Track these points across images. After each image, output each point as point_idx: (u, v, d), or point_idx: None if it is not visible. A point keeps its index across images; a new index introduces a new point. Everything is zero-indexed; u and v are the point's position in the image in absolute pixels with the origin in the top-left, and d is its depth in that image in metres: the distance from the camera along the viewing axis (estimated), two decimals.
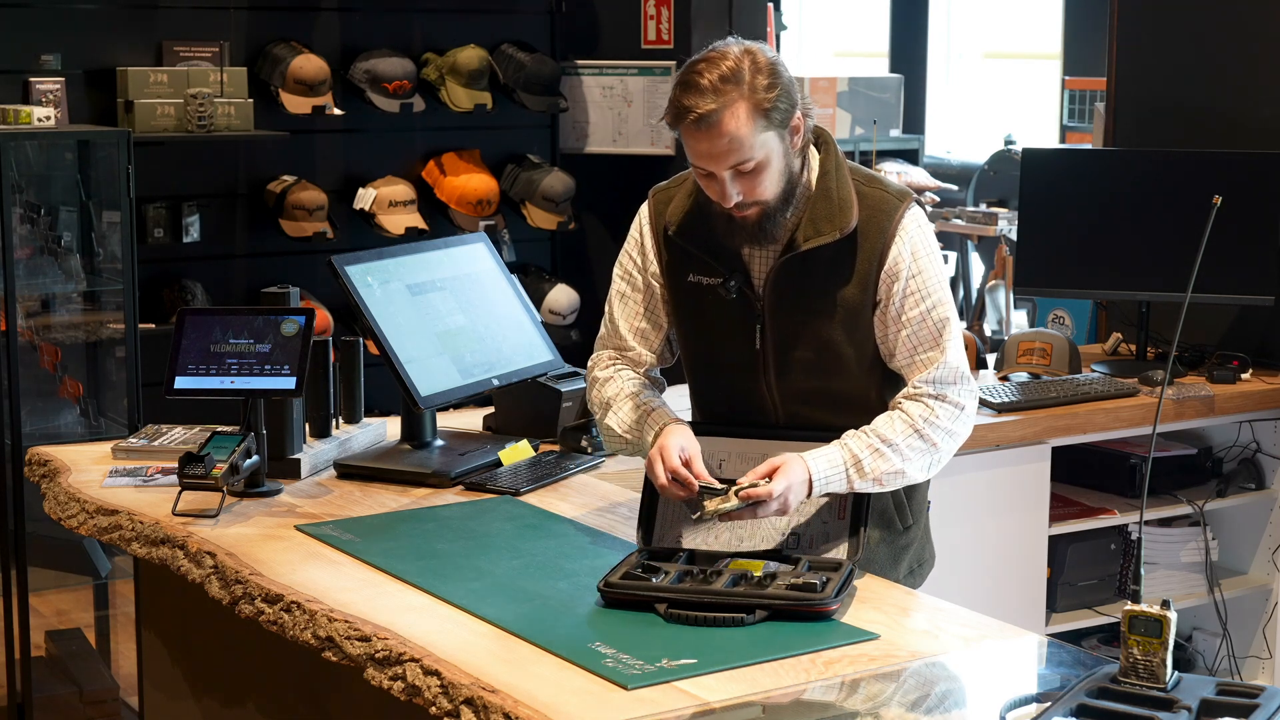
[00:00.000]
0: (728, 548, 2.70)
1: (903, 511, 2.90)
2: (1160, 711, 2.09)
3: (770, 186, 2.65)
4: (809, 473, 2.64)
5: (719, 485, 2.62)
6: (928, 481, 2.97)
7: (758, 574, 2.52)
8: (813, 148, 2.75)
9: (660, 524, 2.75)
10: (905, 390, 2.76)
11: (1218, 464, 4.50)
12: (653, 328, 2.90)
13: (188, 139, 5.27)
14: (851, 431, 2.72)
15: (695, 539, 2.73)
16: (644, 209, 2.89)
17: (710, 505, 2.60)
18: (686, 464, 2.65)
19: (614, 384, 2.88)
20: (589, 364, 2.97)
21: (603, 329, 2.95)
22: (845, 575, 2.55)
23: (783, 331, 2.76)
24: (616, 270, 2.91)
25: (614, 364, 2.91)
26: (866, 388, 2.80)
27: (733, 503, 2.59)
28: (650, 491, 2.76)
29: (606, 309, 2.94)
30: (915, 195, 2.79)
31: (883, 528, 2.87)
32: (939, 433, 2.72)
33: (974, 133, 10.05)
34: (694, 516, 2.63)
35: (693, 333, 2.86)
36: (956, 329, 2.77)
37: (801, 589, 2.48)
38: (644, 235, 2.87)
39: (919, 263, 2.73)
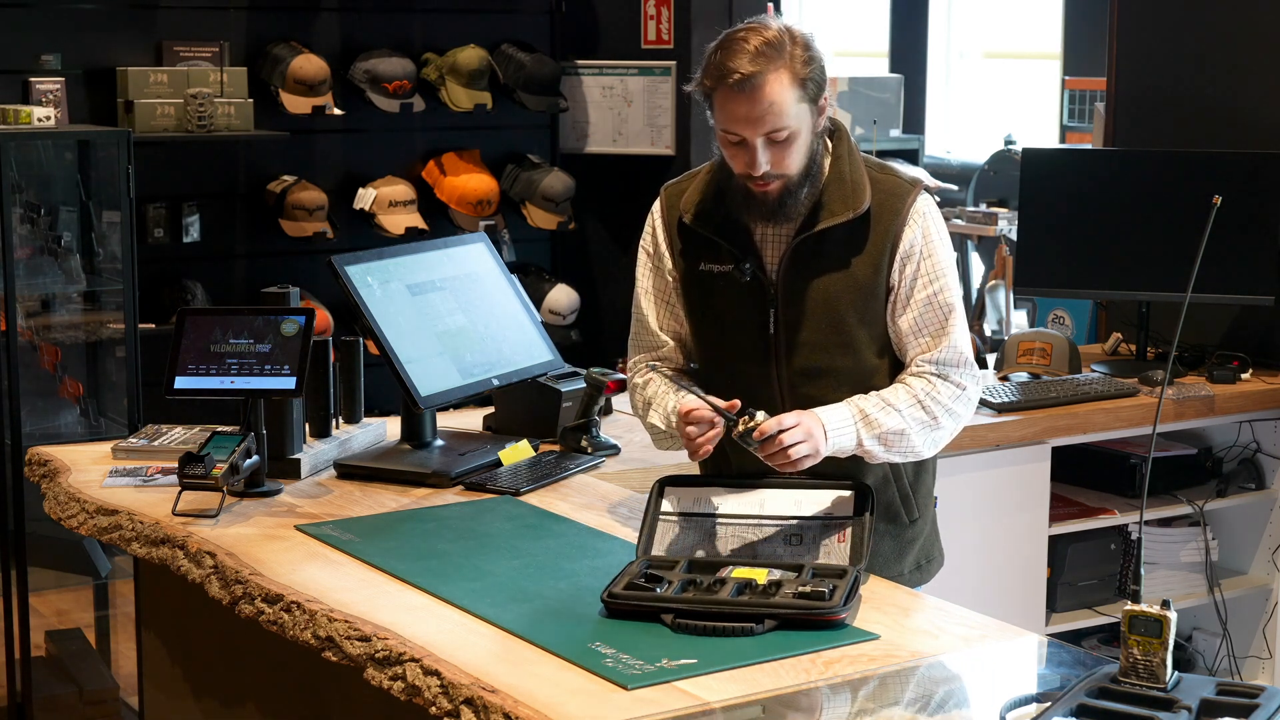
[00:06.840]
0: (737, 552, 2.69)
1: (908, 504, 2.92)
2: (1160, 711, 2.09)
3: (796, 159, 2.69)
4: (820, 419, 2.67)
5: (724, 404, 2.65)
6: (934, 475, 3.00)
7: (762, 582, 2.50)
8: (827, 138, 2.79)
9: (659, 540, 2.71)
10: (910, 369, 2.80)
11: (1218, 464, 4.49)
12: (680, 321, 2.93)
13: (188, 139, 5.27)
14: (856, 395, 2.76)
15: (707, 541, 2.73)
16: (656, 205, 2.92)
17: (740, 428, 2.63)
18: (691, 412, 2.66)
19: (652, 384, 2.91)
20: (628, 368, 3.00)
21: (633, 329, 2.97)
22: (852, 581, 2.52)
23: (796, 312, 2.78)
24: (638, 270, 2.94)
25: (651, 368, 2.94)
26: (876, 370, 2.82)
27: (759, 417, 2.62)
28: (654, 503, 2.74)
29: (634, 310, 2.96)
30: (925, 183, 2.83)
31: (888, 521, 2.88)
32: (940, 409, 2.76)
33: (974, 133, 10.05)
34: (734, 436, 2.65)
35: (704, 322, 2.87)
36: (962, 313, 2.82)
37: (810, 597, 2.45)
38: (657, 229, 2.90)
39: (930, 245, 2.78)
